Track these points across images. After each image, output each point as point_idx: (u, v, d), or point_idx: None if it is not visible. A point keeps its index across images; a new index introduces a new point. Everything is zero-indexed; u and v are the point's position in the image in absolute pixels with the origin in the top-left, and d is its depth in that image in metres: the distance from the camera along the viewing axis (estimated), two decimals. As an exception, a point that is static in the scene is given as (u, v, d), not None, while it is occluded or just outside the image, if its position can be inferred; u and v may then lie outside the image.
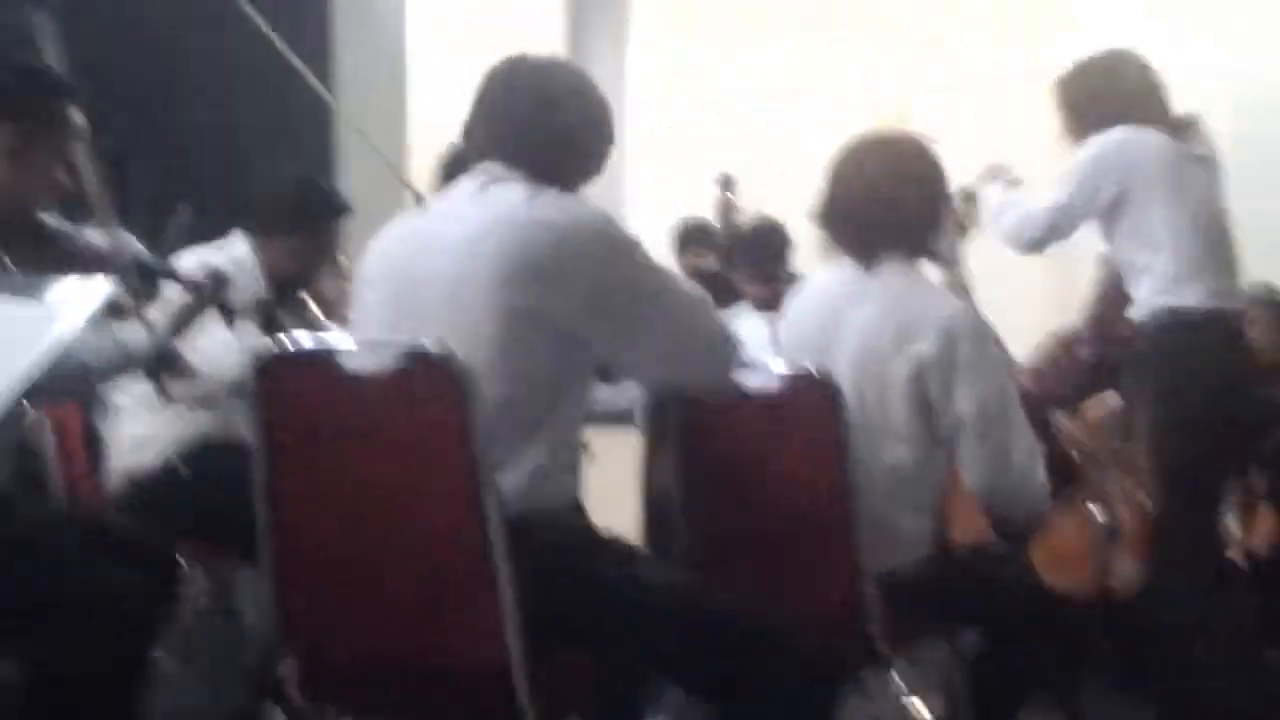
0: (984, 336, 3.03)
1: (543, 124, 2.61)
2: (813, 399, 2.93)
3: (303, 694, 2.58)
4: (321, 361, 2.46)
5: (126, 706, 2.76)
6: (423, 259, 2.55)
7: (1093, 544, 4.36)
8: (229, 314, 3.14)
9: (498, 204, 2.53)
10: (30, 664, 2.74)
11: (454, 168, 3.31)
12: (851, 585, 2.92)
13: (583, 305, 2.48)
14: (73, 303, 2.35)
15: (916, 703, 3.19)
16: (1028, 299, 5.41)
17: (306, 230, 4.01)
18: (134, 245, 3.24)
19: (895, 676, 3.13)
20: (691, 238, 6.85)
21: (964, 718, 3.18)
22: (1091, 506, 4.45)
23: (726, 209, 6.17)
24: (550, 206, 2.52)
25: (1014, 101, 7.56)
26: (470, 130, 2.68)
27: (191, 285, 3.13)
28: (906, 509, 3.05)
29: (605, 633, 2.50)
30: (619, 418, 4.12)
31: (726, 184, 6.24)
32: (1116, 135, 4.01)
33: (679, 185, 7.38)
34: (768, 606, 2.58)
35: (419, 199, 4.14)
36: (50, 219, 3.05)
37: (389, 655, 2.48)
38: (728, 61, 8.63)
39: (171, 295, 3.14)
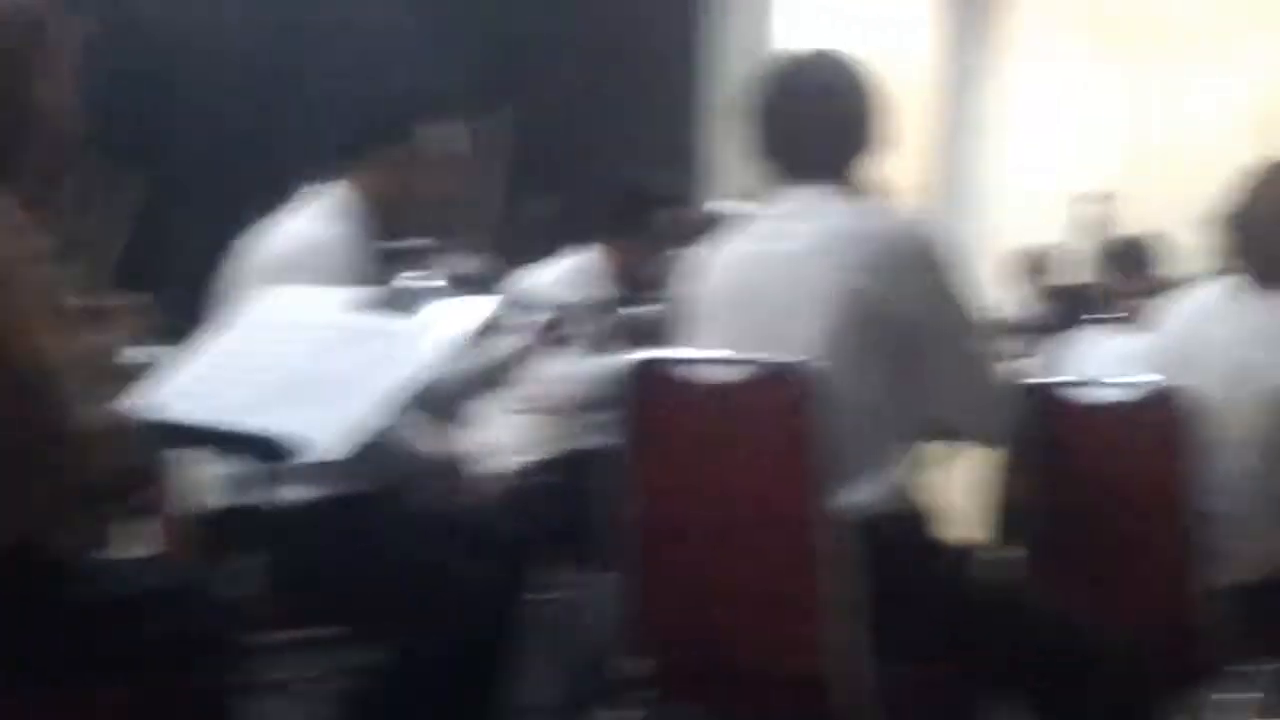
0: None
1: (837, 124, 2.71)
2: (1168, 413, 2.91)
3: (654, 692, 2.68)
4: (681, 371, 2.56)
5: (480, 698, 2.93)
6: (758, 275, 2.65)
7: None
8: (567, 343, 3.27)
9: (826, 218, 2.62)
10: (389, 652, 2.93)
11: None
12: (1191, 601, 2.89)
13: (915, 306, 2.56)
14: (452, 320, 2.49)
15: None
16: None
17: (631, 229, 4.10)
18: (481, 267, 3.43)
19: (1233, 694, 3.08)
20: (1031, 262, 6.86)
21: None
22: None
23: (1091, 222, 6.14)
24: (882, 218, 2.62)
25: None
26: (768, 143, 2.74)
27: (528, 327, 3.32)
28: (1258, 524, 3.00)
29: (948, 639, 2.54)
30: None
31: (1086, 196, 6.22)
32: None
33: (1046, 203, 7.27)
34: (1101, 617, 2.60)
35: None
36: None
37: (736, 658, 2.56)
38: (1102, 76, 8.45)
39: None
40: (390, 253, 3.16)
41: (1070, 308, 5.79)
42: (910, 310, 2.56)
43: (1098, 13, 8.53)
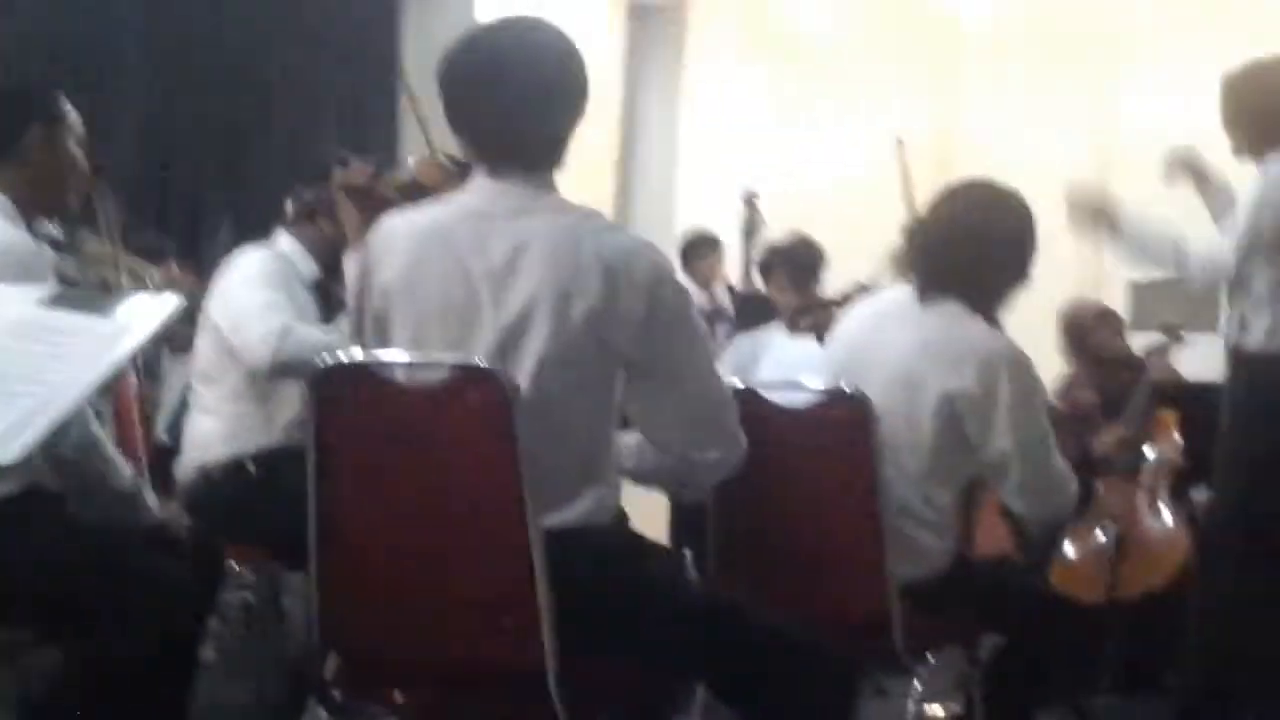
0: (1024, 373, 3.11)
1: (539, 109, 2.56)
2: (846, 416, 3.03)
3: (344, 691, 2.66)
4: (373, 373, 2.53)
5: (170, 699, 2.89)
6: (468, 287, 2.54)
7: (1104, 557, 4.47)
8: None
9: (543, 227, 2.53)
10: (75, 653, 2.87)
11: None
12: (876, 595, 3.02)
13: (637, 330, 2.51)
14: (140, 318, 2.45)
15: (935, 707, 3.29)
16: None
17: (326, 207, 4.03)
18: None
19: (915, 681, 3.24)
20: (696, 248, 7.06)
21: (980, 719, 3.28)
22: (1106, 523, 4.57)
23: (750, 223, 6.31)
24: (603, 235, 2.54)
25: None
26: (466, 126, 2.59)
27: None
28: (930, 523, 3.15)
29: (640, 634, 2.56)
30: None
31: (750, 199, 6.38)
32: None
33: (722, 203, 7.43)
34: (794, 613, 2.66)
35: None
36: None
37: (429, 656, 2.56)
38: (767, 87, 8.67)
39: None
40: (49, 242, 3.10)
41: (743, 310, 5.93)
42: (637, 329, 2.51)
43: (763, 31, 8.79)
